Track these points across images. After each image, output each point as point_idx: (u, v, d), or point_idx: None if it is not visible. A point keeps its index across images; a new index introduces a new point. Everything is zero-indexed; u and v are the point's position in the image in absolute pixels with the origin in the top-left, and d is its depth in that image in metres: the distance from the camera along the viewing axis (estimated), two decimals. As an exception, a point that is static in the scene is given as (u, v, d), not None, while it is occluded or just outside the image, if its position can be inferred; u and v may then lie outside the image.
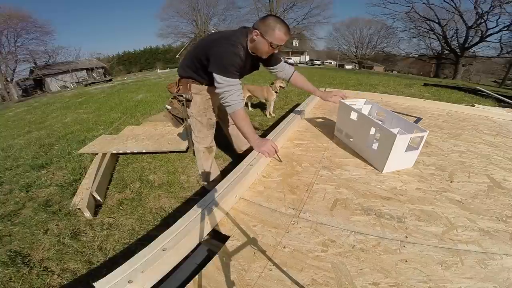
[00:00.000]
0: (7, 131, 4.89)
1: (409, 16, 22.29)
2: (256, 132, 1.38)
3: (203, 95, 1.51)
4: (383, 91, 5.54)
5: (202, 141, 1.62)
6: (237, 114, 1.29)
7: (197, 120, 1.56)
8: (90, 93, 9.25)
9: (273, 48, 1.29)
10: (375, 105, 1.69)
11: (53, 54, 25.09)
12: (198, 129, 1.59)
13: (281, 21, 1.26)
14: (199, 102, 1.51)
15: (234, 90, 1.26)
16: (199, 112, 1.53)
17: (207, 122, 1.58)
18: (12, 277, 1.30)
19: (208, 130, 1.61)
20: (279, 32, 1.24)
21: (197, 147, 1.65)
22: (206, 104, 1.53)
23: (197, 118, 1.55)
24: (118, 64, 33.11)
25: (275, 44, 1.27)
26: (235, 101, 1.27)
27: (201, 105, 1.52)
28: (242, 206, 1.06)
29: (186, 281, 0.81)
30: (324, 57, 43.75)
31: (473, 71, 27.62)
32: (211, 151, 1.69)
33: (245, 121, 1.31)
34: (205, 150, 1.64)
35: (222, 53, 1.25)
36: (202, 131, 1.59)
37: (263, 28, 1.24)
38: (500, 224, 0.95)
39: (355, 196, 1.10)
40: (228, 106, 1.29)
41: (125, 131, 3.14)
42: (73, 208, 1.81)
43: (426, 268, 0.76)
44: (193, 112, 1.54)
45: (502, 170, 1.32)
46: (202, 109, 1.53)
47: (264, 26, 1.23)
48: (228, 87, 1.25)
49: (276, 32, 1.23)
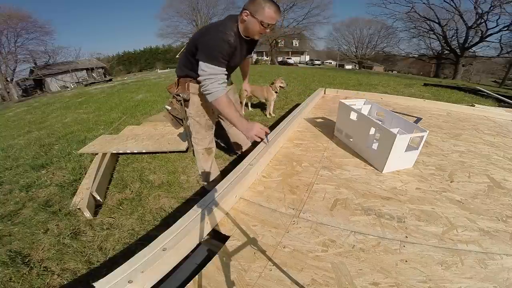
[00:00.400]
0: (7, 131, 4.89)
1: (409, 16, 22.28)
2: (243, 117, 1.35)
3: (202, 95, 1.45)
4: (383, 91, 5.54)
5: (200, 142, 1.60)
6: (220, 101, 1.25)
7: (195, 121, 1.53)
8: (90, 93, 9.25)
9: (264, 28, 1.25)
10: (375, 105, 1.69)
11: (53, 54, 25.08)
12: (196, 130, 1.56)
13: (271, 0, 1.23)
14: (197, 102, 1.49)
15: (216, 78, 1.23)
16: (197, 112, 1.51)
17: (205, 123, 1.56)
18: (12, 277, 1.30)
19: (206, 131, 1.58)
20: (269, 10, 1.21)
21: (196, 148, 1.63)
22: (204, 105, 1.50)
23: (195, 118, 1.52)
24: (118, 64, 33.09)
25: (266, 23, 1.23)
26: (216, 89, 1.23)
27: (199, 106, 1.49)
28: (242, 206, 1.06)
29: (186, 281, 0.81)
30: (324, 57, 43.74)
31: (473, 71, 27.61)
32: (210, 152, 1.66)
33: (229, 108, 1.27)
34: (204, 151, 1.62)
35: (209, 40, 1.23)
36: (200, 132, 1.57)
37: (252, 7, 1.21)
38: (500, 224, 0.95)
39: (355, 196, 1.10)
40: (209, 94, 1.25)
41: (125, 131, 3.14)
42: (73, 208, 1.81)
43: (426, 268, 0.76)
44: (191, 113, 1.51)
45: (502, 170, 1.32)
46: (200, 110, 1.51)
47: (253, 5, 1.21)
48: (211, 75, 1.22)
49: (266, 10, 1.20)
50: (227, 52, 1.24)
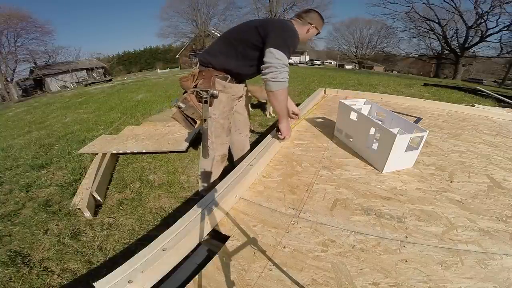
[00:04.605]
0: (7, 131, 4.89)
1: (409, 16, 22.31)
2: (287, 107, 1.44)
3: (229, 94, 1.32)
4: (383, 91, 5.54)
5: (219, 148, 1.41)
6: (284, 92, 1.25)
7: (219, 123, 1.33)
8: (90, 93, 9.25)
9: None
10: (375, 105, 1.69)
11: (53, 54, 25.13)
12: (218, 133, 1.36)
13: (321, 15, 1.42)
14: (225, 102, 1.31)
15: (287, 69, 1.21)
16: (223, 113, 1.32)
17: (228, 127, 1.39)
18: (12, 277, 1.30)
19: (227, 135, 1.42)
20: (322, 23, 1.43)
21: (211, 154, 1.41)
22: (231, 105, 1.36)
23: (219, 121, 1.33)
24: (118, 64, 33.11)
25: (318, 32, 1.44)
26: (286, 79, 1.22)
27: (227, 106, 1.32)
28: (242, 206, 1.06)
29: (186, 281, 0.81)
30: (324, 57, 43.77)
31: (473, 71, 27.63)
32: (224, 159, 1.48)
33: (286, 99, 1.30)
34: (220, 158, 1.44)
35: (288, 31, 1.22)
36: (221, 136, 1.38)
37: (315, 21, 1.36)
38: (500, 224, 0.95)
39: (355, 196, 1.10)
40: (279, 83, 1.20)
41: (125, 131, 3.15)
42: (73, 208, 1.82)
43: (426, 268, 0.76)
44: (216, 113, 1.31)
45: (502, 170, 1.32)
46: (227, 111, 1.33)
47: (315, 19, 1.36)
48: (285, 65, 1.18)
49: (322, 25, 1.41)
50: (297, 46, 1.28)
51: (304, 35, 1.38)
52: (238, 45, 1.26)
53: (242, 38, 1.26)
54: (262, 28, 1.21)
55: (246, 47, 1.26)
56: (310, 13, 1.38)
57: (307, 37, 1.41)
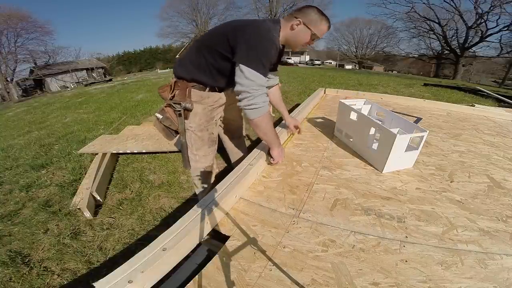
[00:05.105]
0: (7, 131, 4.89)
1: (409, 16, 22.32)
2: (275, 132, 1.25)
3: (206, 105, 1.21)
4: (383, 91, 5.54)
5: (202, 160, 1.32)
6: (264, 118, 1.08)
7: (196, 136, 1.26)
8: (90, 93, 9.25)
9: (311, 40, 1.13)
10: (375, 105, 1.69)
11: (53, 54, 25.15)
12: (197, 146, 1.28)
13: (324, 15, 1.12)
14: (201, 114, 1.21)
15: (263, 90, 1.03)
16: (199, 126, 1.24)
17: (208, 138, 1.29)
18: (12, 277, 1.30)
19: (209, 147, 1.32)
20: (325, 26, 1.11)
21: (194, 166, 1.34)
22: (208, 116, 1.24)
23: (197, 133, 1.25)
24: (118, 64, 33.10)
25: (317, 38, 1.12)
26: (264, 103, 1.04)
27: (203, 117, 1.22)
28: (242, 206, 1.06)
29: (186, 281, 0.81)
30: (324, 57, 43.77)
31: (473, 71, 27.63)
32: (210, 168, 1.38)
33: (270, 124, 1.13)
34: (204, 170, 1.35)
35: (258, 41, 1.00)
36: (202, 148, 1.29)
37: (306, 17, 1.09)
38: (500, 224, 0.95)
39: (355, 196, 1.10)
40: (255, 109, 1.04)
41: (125, 131, 3.14)
42: (73, 208, 1.82)
43: (426, 268, 0.76)
44: (192, 126, 1.23)
45: (502, 170, 1.32)
46: (204, 122, 1.24)
47: (307, 15, 1.09)
48: (258, 86, 1.01)
49: (323, 24, 1.10)
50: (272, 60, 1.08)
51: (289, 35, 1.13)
52: (207, 54, 1.10)
53: (212, 45, 1.10)
54: (233, 35, 1.03)
55: (217, 57, 1.09)
56: (302, 9, 1.12)
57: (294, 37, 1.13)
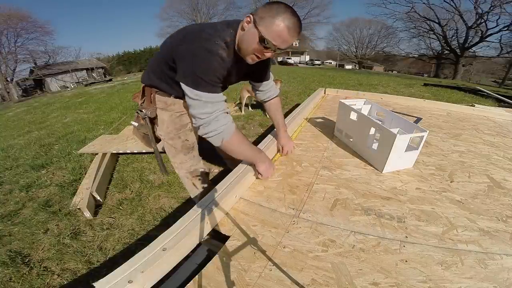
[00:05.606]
0: (7, 131, 4.89)
1: (409, 16, 22.37)
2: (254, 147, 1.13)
3: (172, 111, 1.09)
4: (383, 91, 5.54)
5: (181, 166, 1.24)
6: (232, 141, 0.94)
7: (168, 144, 1.16)
8: (90, 93, 9.25)
9: (264, 49, 0.84)
10: (375, 105, 1.69)
11: (53, 54, 25.18)
12: (172, 154, 1.20)
13: (292, 12, 0.81)
14: (168, 121, 1.11)
15: (216, 113, 0.87)
16: (169, 134, 1.13)
17: (182, 146, 1.17)
18: (12, 277, 1.30)
19: (185, 154, 1.20)
20: (282, 24, 0.79)
21: (178, 173, 1.28)
22: (178, 124, 1.13)
23: (168, 141, 1.16)
24: (118, 64, 33.04)
25: (270, 43, 0.81)
26: (223, 126, 0.89)
27: (171, 125, 1.11)
28: (242, 206, 1.06)
29: (186, 281, 0.81)
30: (324, 57, 43.80)
31: (473, 71, 27.64)
32: (196, 174, 1.27)
33: (243, 144, 1.00)
34: (189, 175, 1.25)
35: (194, 55, 0.83)
36: (177, 156, 1.20)
37: (260, 13, 0.82)
38: (500, 224, 0.95)
39: (355, 196, 1.10)
40: (216, 136, 0.90)
41: (125, 131, 3.15)
42: (73, 208, 1.82)
43: (426, 268, 0.76)
44: (162, 134, 1.15)
45: (502, 170, 1.32)
46: (173, 130, 1.13)
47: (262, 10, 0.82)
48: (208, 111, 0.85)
49: (276, 23, 0.79)
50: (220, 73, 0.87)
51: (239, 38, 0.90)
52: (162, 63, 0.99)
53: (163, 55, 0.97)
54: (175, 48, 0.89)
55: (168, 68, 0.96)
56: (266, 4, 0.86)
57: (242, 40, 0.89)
